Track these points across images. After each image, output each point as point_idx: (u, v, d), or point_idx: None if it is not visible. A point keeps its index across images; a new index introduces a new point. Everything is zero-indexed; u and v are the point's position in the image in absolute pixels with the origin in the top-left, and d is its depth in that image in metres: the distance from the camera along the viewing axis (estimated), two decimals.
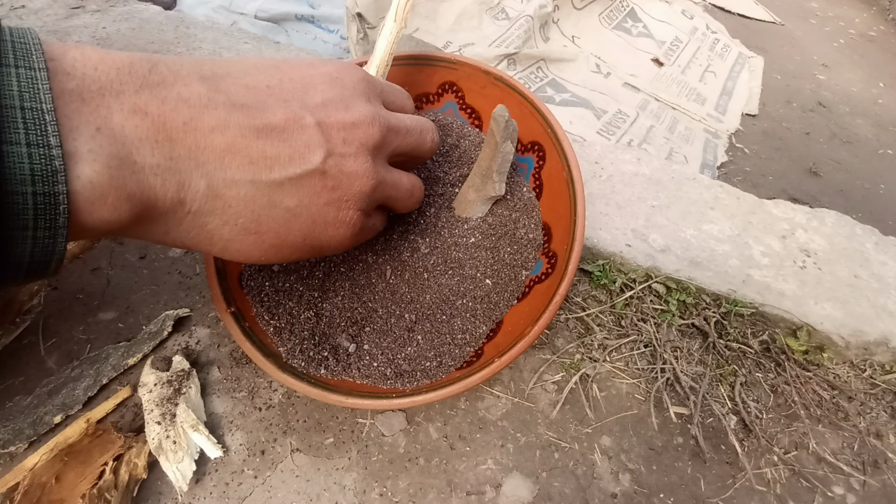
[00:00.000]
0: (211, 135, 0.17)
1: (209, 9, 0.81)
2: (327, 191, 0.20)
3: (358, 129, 0.20)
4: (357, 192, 0.21)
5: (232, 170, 0.17)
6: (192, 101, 0.16)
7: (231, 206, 0.18)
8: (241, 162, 0.17)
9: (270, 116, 0.18)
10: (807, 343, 0.39)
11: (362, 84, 0.22)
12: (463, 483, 0.31)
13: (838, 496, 0.33)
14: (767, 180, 0.71)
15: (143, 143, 0.15)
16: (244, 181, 0.18)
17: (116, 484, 0.28)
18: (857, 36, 1.16)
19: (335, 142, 0.20)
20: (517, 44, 0.74)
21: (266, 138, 0.18)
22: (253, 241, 0.19)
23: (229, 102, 0.17)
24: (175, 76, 0.17)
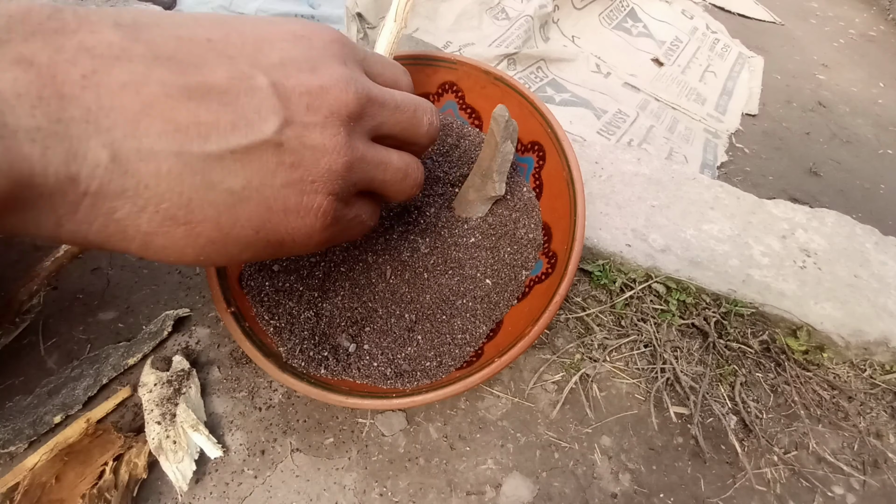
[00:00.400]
0: (121, 93, 0.13)
1: (209, 9, 0.81)
2: (285, 168, 0.16)
3: (327, 94, 0.16)
4: (325, 171, 0.17)
5: (149, 137, 0.13)
6: (97, 51, 0.13)
7: (149, 185, 0.13)
8: (162, 128, 0.13)
9: (208, 74, 0.14)
10: (807, 343, 0.39)
11: (335, 45, 0.18)
12: (463, 483, 0.31)
13: (838, 496, 0.33)
14: (767, 180, 0.71)
15: (21, 100, 0.12)
16: (167, 152, 0.13)
17: (116, 484, 0.28)
18: (858, 36, 1.16)
19: (295, 108, 0.16)
20: (517, 44, 0.74)
21: (201, 100, 0.14)
22: (183, 234, 0.15)
23: (151, 55, 0.13)
24: (81, 22, 0.13)
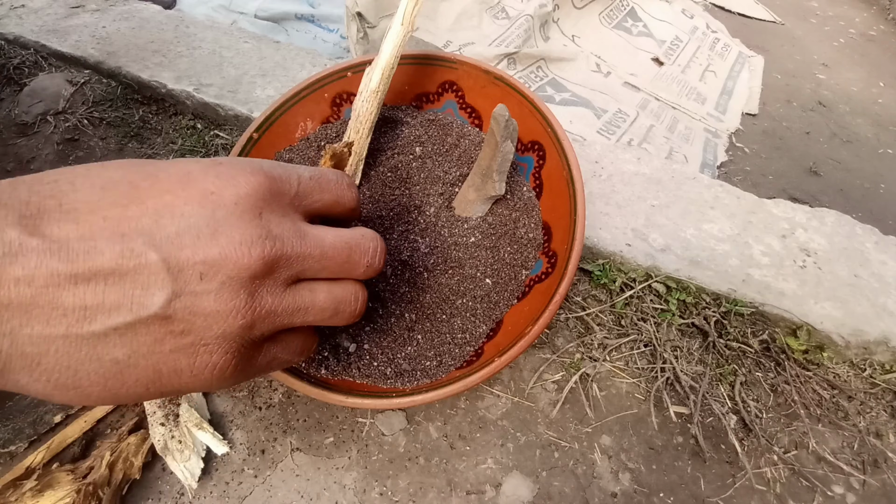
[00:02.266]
0: (16, 287, 0.14)
1: (209, 8, 0.81)
2: (174, 336, 0.16)
3: (225, 261, 0.17)
4: (220, 335, 0.17)
5: (39, 325, 0.15)
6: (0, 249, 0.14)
7: (39, 363, 0.15)
8: (50, 315, 0.15)
9: (97, 258, 0.15)
10: (807, 342, 0.39)
11: (250, 198, 0.17)
12: (463, 482, 0.31)
13: (838, 495, 0.33)
14: (767, 180, 0.71)
15: None
16: (54, 336, 0.15)
17: (110, 481, 0.28)
18: (857, 35, 1.16)
19: (187, 279, 0.16)
20: (517, 43, 0.74)
21: (87, 285, 0.15)
22: (74, 395, 0.16)
23: (44, 246, 0.15)
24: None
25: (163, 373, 0.17)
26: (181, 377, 0.17)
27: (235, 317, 0.17)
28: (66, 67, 0.57)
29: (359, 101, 0.33)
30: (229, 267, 0.17)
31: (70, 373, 0.16)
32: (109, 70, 0.55)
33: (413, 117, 0.40)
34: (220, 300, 0.17)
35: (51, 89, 0.54)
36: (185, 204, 0.17)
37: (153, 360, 0.17)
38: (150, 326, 0.16)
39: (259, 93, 0.53)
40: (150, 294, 0.16)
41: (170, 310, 0.16)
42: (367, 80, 0.33)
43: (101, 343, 0.16)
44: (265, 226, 0.18)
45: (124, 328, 0.16)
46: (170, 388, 0.18)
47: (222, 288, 0.17)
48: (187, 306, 0.16)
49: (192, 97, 0.52)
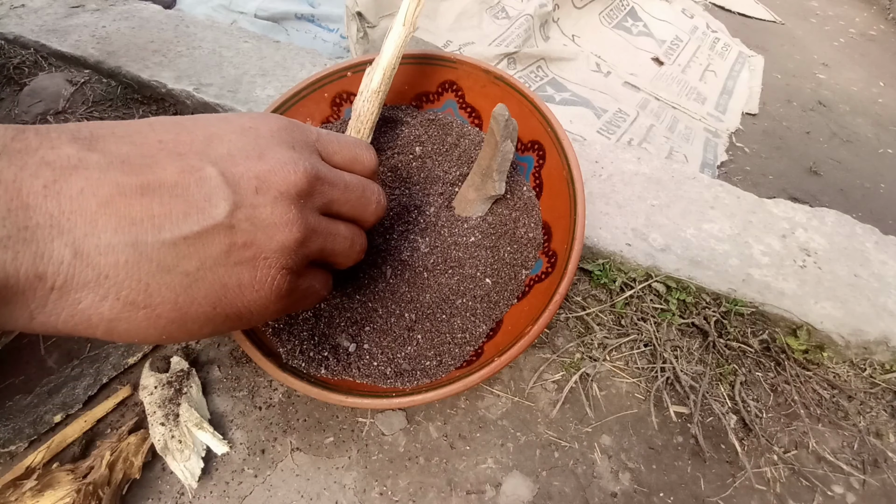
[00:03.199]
0: (79, 197, 0.14)
1: (209, 7, 0.81)
2: (238, 248, 0.17)
3: (275, 176, 0.18)
4: (278, 247, 0.18)
5: (107, 233, 0.15)
6: (56, 164, 0.14)
7: (108, 275, 0.15)
8: (118, 223, 0.15)
9: (159, 171, 0.16)
10: (807, 342, 0.39)
11: (282, 132, 0.19)
12: (463, 482, 0.31)
13: (838, 495, 0.33)
14: (767, 179, 0.71)
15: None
16: (123, 244, 0.15)
17: (110, 480, 0.28)
18: (858, 35, 1.16)
19: (244, 191, 0.17)
20: (517, 43, 0.74)
21: (153, 195, 0.15)
22: (144, 318, 0.16)
23: (105, 161, 0.15)
24: (42, 140, 0.15)
25: (228, 287, 0.17)
26: (244, 293, 0.18)
27: (291, 229, 0.18)
28: (66, 67, 0.57)
29: (360, 101, 0.33)
30: (279, 182, 0.18)
31: (141, 287, 0.15)
32: (109, 70, 0.55)
33: (413, 117, 0.40)
34: (276, 212, 0.18)
35: (51, 89, 0.54)
36: (229, 133, 0.18)
37: (220, 273, 0.17)
38: (217, 236, 0.16)
39: (259, 92, 0.53)
40: (213, 204, 0.16)
41: (233, 219, 0.17)
42: (368, 80, 0.33)
43: (171, 252, 0.16)
44: (299, 153, 0.19)
45: (193, 237, 0.16)
46: (233, 308, 0.18)
47: (276, 201, 0.18)
48: (248, 216, 0.17)
49: (192, 97, 0.52)
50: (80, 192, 0.15)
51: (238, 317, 0.18)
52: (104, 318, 0.15)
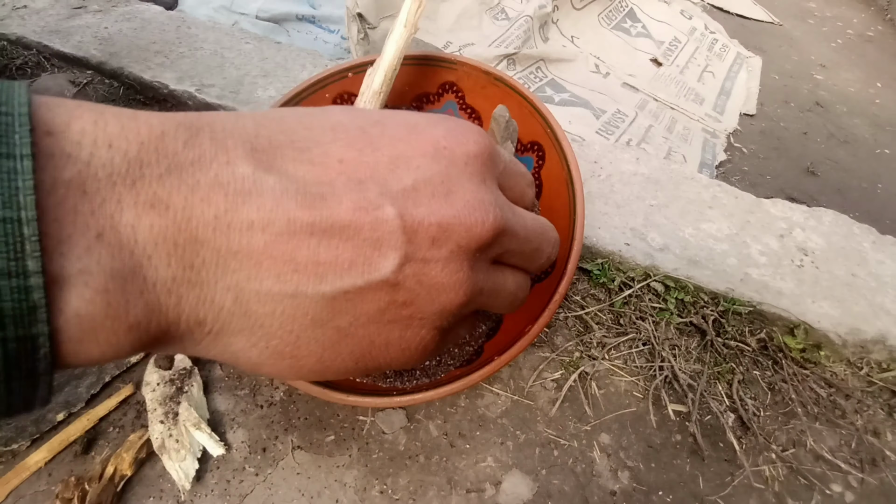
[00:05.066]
0: (248, 233, 0.12)
1: (210, 9, 0.81)
2: (396, 306, 0.15)
3: (458, 226, 0.15)
4: (439, 309, 0.15)
5: (269, 280, 0.13)
6: (231, 186, 0.12)
7: (262, 325, 0.14)
8: (282, 269, 0.13)
9: (334, 206, 0.13)
10: (804, 341, 0.39)
11: (478, 161, 0.16)
12: (463, 480, 0.31)
13: (836, 494, 0.33)
14: (765, 180, 0.72)
15: (157, 249, 0.12)
16: (283, 295, 0.13)
17: (113, 478, 0.28)
18: (855, 36, 1.16)
19: (420, 242, 0.14)
20: (517, 44, 0.75)
21: (322, 237, 0.13)
22: (288, 366, 0.15)
23: (281, 187, 0.13)
24: (217, 149, 0.13)
25: (375, 344, 0.16)
26: (389, 351, 0.16)
27: (458, 292, 0.15)
28: (68, 68, 0.58)
29: (361, 102, 0.34)
30: (461, 234, 0.15)
31: (292, 338, 0.14)
32: (112, 71, 0.55)
33: None
34: (447, 271, 0.15)
35: (53, 90, 0.54)
36: (419, 155, 0.15)
37: (370, 329, 0.15)
38: (378, 292, 0.14)
39: (260, 93, 0.53)
40: (383, 255, 0.14)
41: (400, 276, 0.14)
42: (370, 80, 0.33)
43: (328, 306, 0.14)
44: (491, 193, 0.16)
45: (354, 292, 0.14)
46: (374, 364, 0.16)
47: (451, 257, 0.15)
48: (416, 274, 0.15)
49: (193, 98, 0.52)
50: (250, 225, 0.12)
51: (376, 369, 0.17)
52: (251, 361, 0.14)
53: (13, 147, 0.10)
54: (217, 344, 0.14)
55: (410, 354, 0.17)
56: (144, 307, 0.12)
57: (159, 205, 0.12)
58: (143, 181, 0.11)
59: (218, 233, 0.12)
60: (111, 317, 0.11)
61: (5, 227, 0.10)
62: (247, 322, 0.13)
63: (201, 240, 0.12)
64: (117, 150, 0.11)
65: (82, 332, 0.11)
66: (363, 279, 0.14)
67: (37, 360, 0.11)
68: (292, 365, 0.15)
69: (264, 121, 0.14)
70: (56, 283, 0.10)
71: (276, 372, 0.15)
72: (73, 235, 0.11)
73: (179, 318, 0.12)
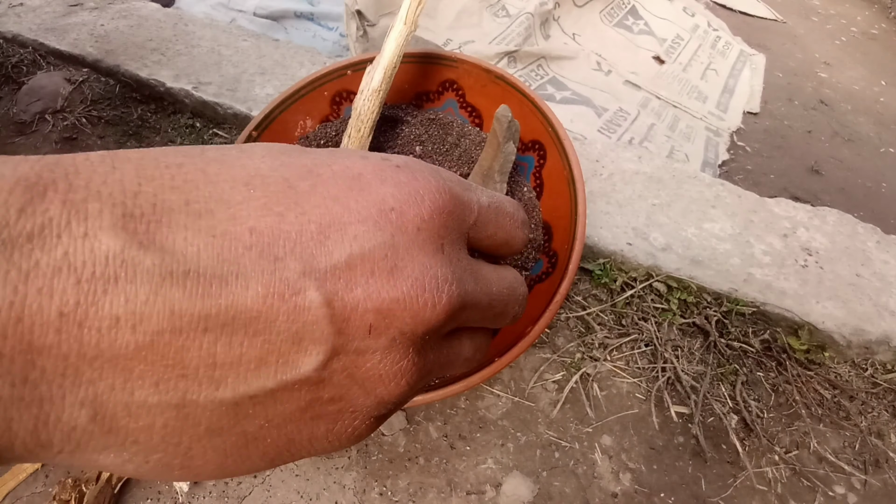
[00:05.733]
0: (111, 332, 0.10)
1: (208, 6, 0.81)
2: (320, 404, 0.13)
3: (403, 310, 0.12)
4: (375, 403, 0.13)
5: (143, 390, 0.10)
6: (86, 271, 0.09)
7: (137, 441, 0.11)
8: (162, 376, 0.10)
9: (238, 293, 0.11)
10: (808, 342, 0.39)
11: (435, 222, 0.13)
12: (463, 482, 0.31)
13: (839, 495, 0.33)
14: (769, 178, 0.71)
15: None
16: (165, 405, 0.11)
17: (98, 478, 0.28)
18: (859, 34, 1.15)
19: (352, 332, 0.12)
20: (518, 41, 0.74)
21: (220, 333, 0.11)
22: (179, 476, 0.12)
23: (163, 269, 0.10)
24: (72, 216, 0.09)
25: (295, 442, 0.13)
26: (313, 445, 0.13)
27: (399, 383, 0.13)
28: (64, 66, 0.57)
29: (360, 100, 0.33)
30: (407, 319, 0.12)
31: (180, 451, 0.11)
32: (108, 68, 0.55)
33: (413, 116, 0.39)
34: (386, 362, 0.13)
35: (49, 88, 0.53)
36: (357, 221, 0.12)
37: (288, 429, 0.13)
38: (296, 393, 0.12)
39: (258, 91, 0.53)
40: (303, 350, 0.11)
41: (325, 372, 0.12)
42: (369, 78, 0.33)
43: (229, 413, 0.11)
44: (448, 264, 0.13)
45: (264, 395, 0.11)
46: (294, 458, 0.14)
47: (392, 346, 0.12)
48: (346, 367, 0.12)
49: (190, 95, 0.52)
50: (114, 323, 0.10)
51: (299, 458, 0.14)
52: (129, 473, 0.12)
53: None
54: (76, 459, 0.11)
55: (341, 444, 0.14)
56: None
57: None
58: None
59: (64, 335, 0.09)
60: None
61: None
62: (113, 439, 0.11)
63: (38, 346, 0.09)
64: None
65: None
66: (275, 380, 0.11)
67: None
68: (184, 475, 0.12)
69: (152, 170, 0.11)
70: None
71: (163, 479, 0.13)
72: None
73: (12, 443, 0.10)
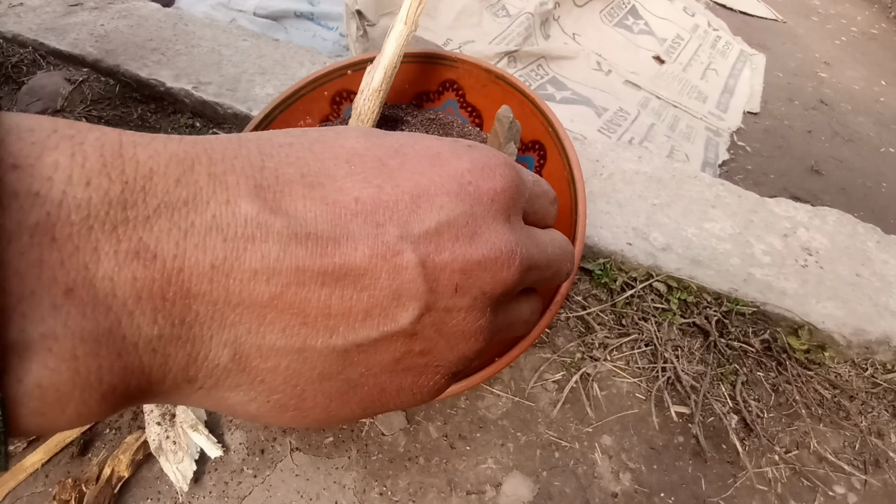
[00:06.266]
0: (251, 283, 0.11)
1: (208, 6, 0.81)
2: (411, 356, 0.14)
3: (484, 272, 0.14)
4: (457, 358, 0.15)
5: (273, 334, 0.12)
6: (231, 231, 0.11)
7: (263, 380, 0.12)
8: (288, 322, 0.12)
9: (349, 251, 0.12)
10: (808, 342, 0.39)
11: (504, 196, 0.15)
12: (463, 482, 0.31)
13: (839, 495, 0.33)
14: (769, 178, 0.71)
15: (141, 304, 0.10)
16: (289, 349, 0.12)
17: (99, 477, 0.28)
18: (859, 34, 1.15)
19: (441, 291, 0.13)
20: (518, 41, 0.74)
21: (335, 287, 0.12)
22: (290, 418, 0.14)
23: (289, 231, 0.12)
24: (216, 186, 0.11)
25: (386, 392, 0.15)
26: (400, 396, 0.15)
27: (478, 339, 0.15)
28: (64, 66, 0.57)
29: (360, 100, 0.33)
30: (487, 279, 0.14)
31: (296, 392, 0.13)
32: (108, 68, 0.55)
33: (413, 116, 0.39)
34: (468, 320, 0.14)
35: (49, 88, 0.53)
36: (442, 193, 0.14)
37: (382, 379, 0.14)
38: (394, 343, 0.13)
39: (258, 91, 0.53)
40: (402, 305, 0.13)
41: (418, 326, 0.13)
42: (370, 78, 0.33)
43: (338, 360, 0.13)
44: (515, 231, 0.15)
45: (368, 344, 0.13)
46: (383, 408, 0.15)
47: (473, 305, 0.14)
48: (435, 323, 0.14)
49: (190, 95, 0.52)
50: (252, 274, 0.11)
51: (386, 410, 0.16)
52: (249, 413, 0.13)
53: None
54: (209, 398, 0.13)
55: (422, 398, 0.16)
56: (122, 371, 0.10)
57: (145, 253, 0.10)
58: (125, 226, 0.10)
59: (215, 284, 0.11)
60: (80, 387, 0.10)
61: None
62: (245, 378, 0.12)
63: (195, 293, 0.11)
64: (96, 188, 0.10)
65: (45, 404, 0.10)
66: (378, 331, 0.13)
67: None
68: (295, 416, 0.14)
69: (269, 149, 0.13)
70: (14, 349, 0.09)
71: (277, 423, 0.14)
72: (38, 292, 0.09)
73: (164, 378, 0.11)
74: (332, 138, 0.14)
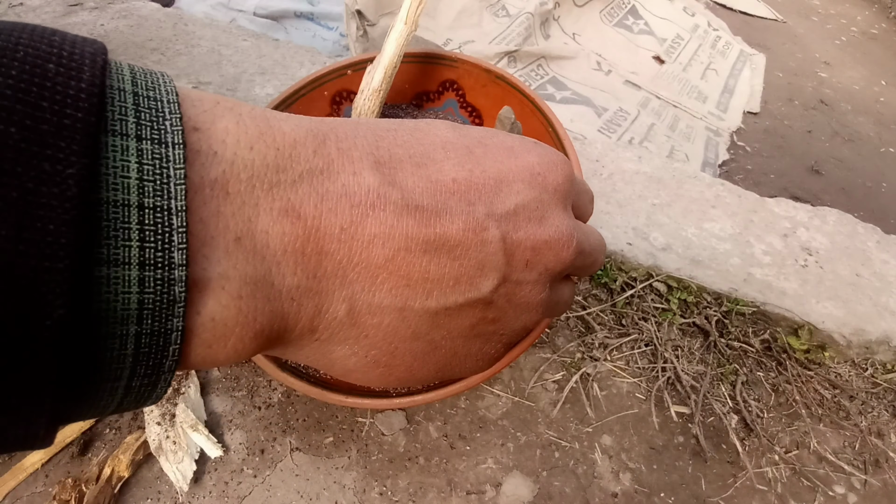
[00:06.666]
0: (370, 246, 0.13)
1: (207, 6, 0.81)
2: (485, 323, 0.16)
3: (549, 251, 0.16)
4: (520, 328, 0.17)
5: (381, 293, 0.13)
6: (357, 199, 0.12)
7: (367, 335, 0.14)
8: (395, 283, 0.13)
9: (447, 224, 0.14)
10: (808, 342, 0.39)
11: (563, 187, 0.17)
12: (463, 482, 0.31)
13: (839, 495, 0.33)
14: (769, 178, 0.71)
15: (286, 257, 0.12)
16: (393, 308, 0.13)
17: (99, 477, 0.28)
18: (859, 34, 1.15)
19: (515, 264, 0.15)
20: (518, 41, 0.74)
21: (434, 254, 0.14)
22: (379, 375, 0.15)
23: (403, 202, 0.13)
24: (344, 159, 0.13)
25: (458, 356, 0.16)
26: (466, 362, 0.17)
27: (538, 311, 0.16)
28: None
29: (360, 100, 0.33)
30: (550, 258, 0.16)
31: (390, 349, 0.14)
32: None
33: (413, 116, 0.39)
34: (533, 293, 0.16)
35: None
36: (518, 180, 0.16)
37: (457, 343, 0.16)
38: (474, 310, 0.15)
39: (258, 91, 0.53)
40: (485, 275, 0.15)
41: (495, 295, 0.15)
42: (370, 78, 0.33)
43: (429, 321, 0.14)
44: (570, 219, 0.17)
45: (454, 308, 0.14)
46: (450, 374, 0.17)
47: (538, 280, 0.16)
48: (507, 294, 0.15)
49: None
50: (371, 238, 0.13)
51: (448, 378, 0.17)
52: (346, 368, 0.15)
53: (164, 134, 0.10)
54: (319, 350, 0.14)
55: (482, 366, 0.18)
56: (269, 315, 0.12)
57: (292, 212, 0.12)
58: (278, 187, 0.11)
59: (342, 244, 0.12)
60: (241, 323, 0.11)
61: (154, 216, 0.09)
62: (354, 332, 0.14)
63: (326, 250, 0.12)
64: (258, 152, 0.11)
65: (214, 336, 0.11)
66: (464, 297, 0.14)
67: (164, 358, 0.10)
68: (383, 373, 0.15)
69: (379, 131, 0.14)
70: (196, 285, 0.10)
71: (365, 380, 0.16)
72: (216, 237, 0.11)
73: (295, 326, 0.13)
74: (426, 127, 0.15)
